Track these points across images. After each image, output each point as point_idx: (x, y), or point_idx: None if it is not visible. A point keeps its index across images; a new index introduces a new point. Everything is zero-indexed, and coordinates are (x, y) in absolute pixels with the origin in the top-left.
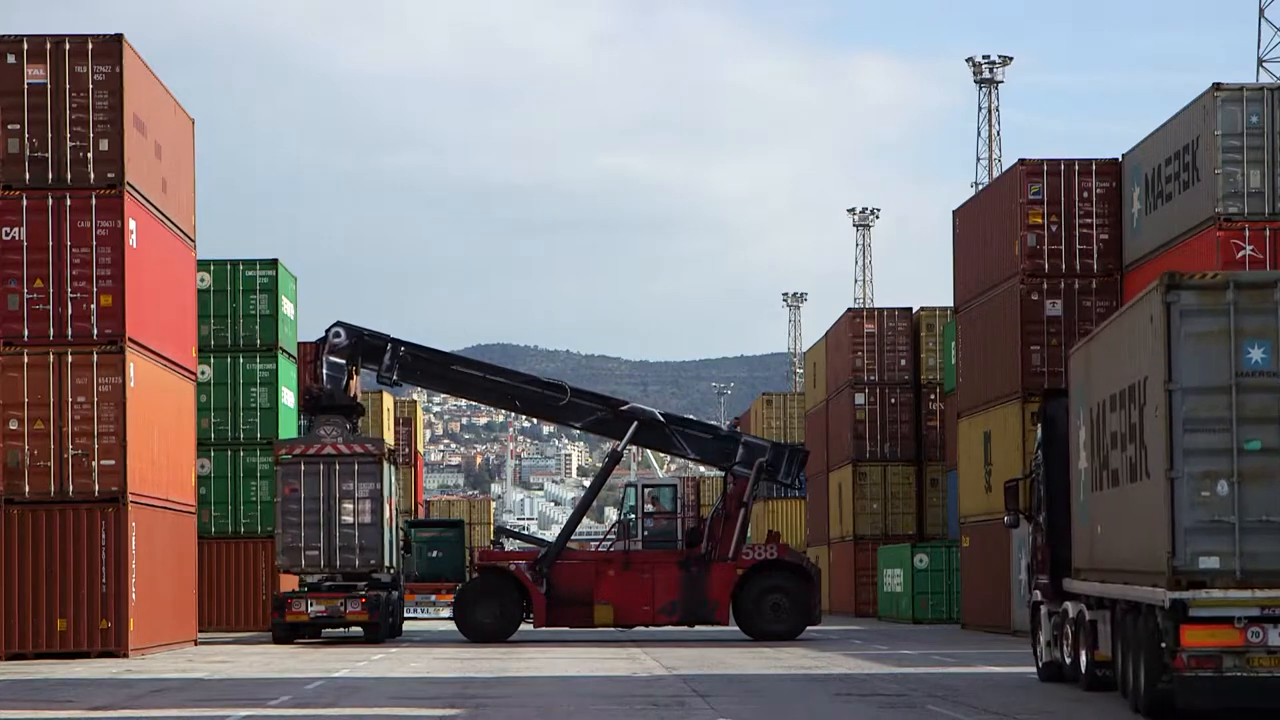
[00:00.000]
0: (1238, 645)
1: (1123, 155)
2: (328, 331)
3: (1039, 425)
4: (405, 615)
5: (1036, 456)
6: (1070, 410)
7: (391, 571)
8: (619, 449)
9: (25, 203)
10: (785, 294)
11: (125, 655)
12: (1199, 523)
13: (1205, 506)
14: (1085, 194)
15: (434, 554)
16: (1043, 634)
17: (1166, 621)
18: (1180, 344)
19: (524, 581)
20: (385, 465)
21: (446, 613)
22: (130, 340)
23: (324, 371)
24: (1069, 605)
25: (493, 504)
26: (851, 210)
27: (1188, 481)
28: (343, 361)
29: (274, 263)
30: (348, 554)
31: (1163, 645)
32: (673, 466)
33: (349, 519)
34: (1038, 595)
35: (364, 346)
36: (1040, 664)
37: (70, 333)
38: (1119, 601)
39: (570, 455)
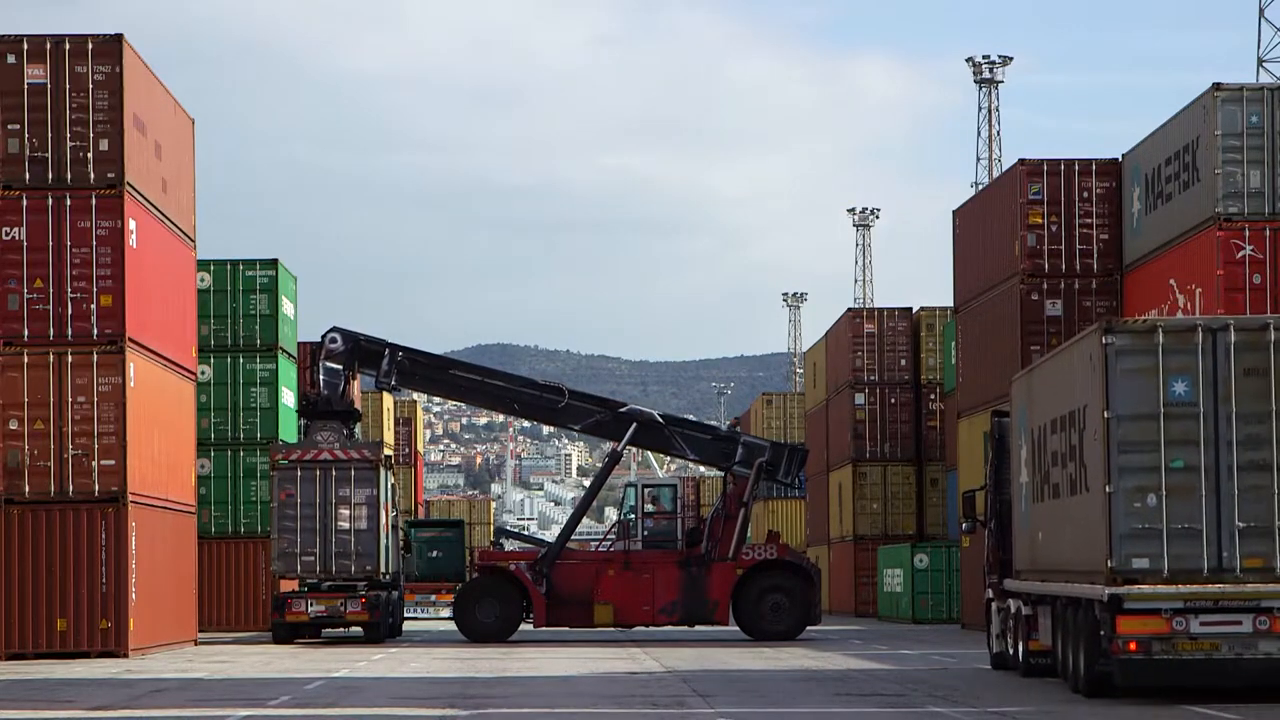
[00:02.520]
0: (1165, 632)
1: (1123, 155)
2: (324, 337)
3: (991, 441)
4: (405, 615)
5: (988, 470)
6: (1012, 431)
7: (389, 575)
8: (618, 449)
9: (25, 203)
10: (785, 294)
11: (125, 655)
12: (1132, 529)
13: (1137, 516)
14: (1085, 194)
15: (434, 554)
16: (993, 627)
17: (1104, 613)
18: (1116, 379)
19: (524, 581)
20: (382, 471)
21: (446, 613)
22: (130, 340)
23: (321, 377)
24: (1010, 602)
25: (493, 504)
26: (851, 210)
27: (1122, 494)
28: (339, 367)
29: (274, 263)
30: (344, 560)
31: (1101, 633)
32: (672, 467)
33: (345, 525)
34: (989, 593)
35: (361, 352)
36: (992, 654)
37: (70, 333)
38: (1059, 597)
39: (570, 455)
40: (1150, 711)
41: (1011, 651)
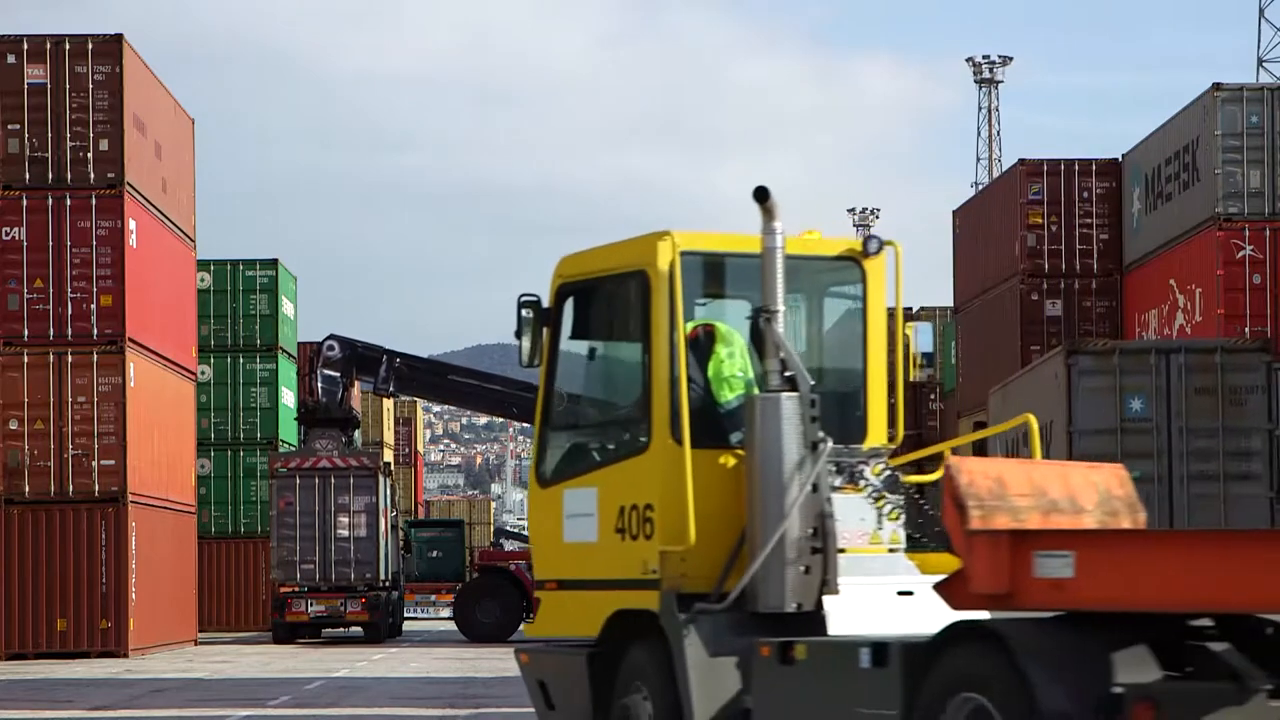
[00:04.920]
0: None
1: (1123, 155)
2: (322, 344)
3: (972, 449)
4: (405, 615)
5: None
6: (988, 441)
7: (389, 581)
8: None
9: (25, 203)
10: None
11: (125, 655)
12: None
13: None
14: (1085, 194)
15: (434, 554)
16: None
17: None
18: (1078, 396)
19: (524, 581)
20: (381, 477)
21: (446, 613)
22: (130, 340)
23: (319, 385)
24: None
25: (493, 504)
26: (851, 210)
27: None
28: (337, 374)
29: (274, 263)
30: (343, 567)
31: None
32: None
33: (345, 532)
34: None
35: (359, 359)
36: None
37: (70, 333)
38: None
39: None
40: None
41: None
